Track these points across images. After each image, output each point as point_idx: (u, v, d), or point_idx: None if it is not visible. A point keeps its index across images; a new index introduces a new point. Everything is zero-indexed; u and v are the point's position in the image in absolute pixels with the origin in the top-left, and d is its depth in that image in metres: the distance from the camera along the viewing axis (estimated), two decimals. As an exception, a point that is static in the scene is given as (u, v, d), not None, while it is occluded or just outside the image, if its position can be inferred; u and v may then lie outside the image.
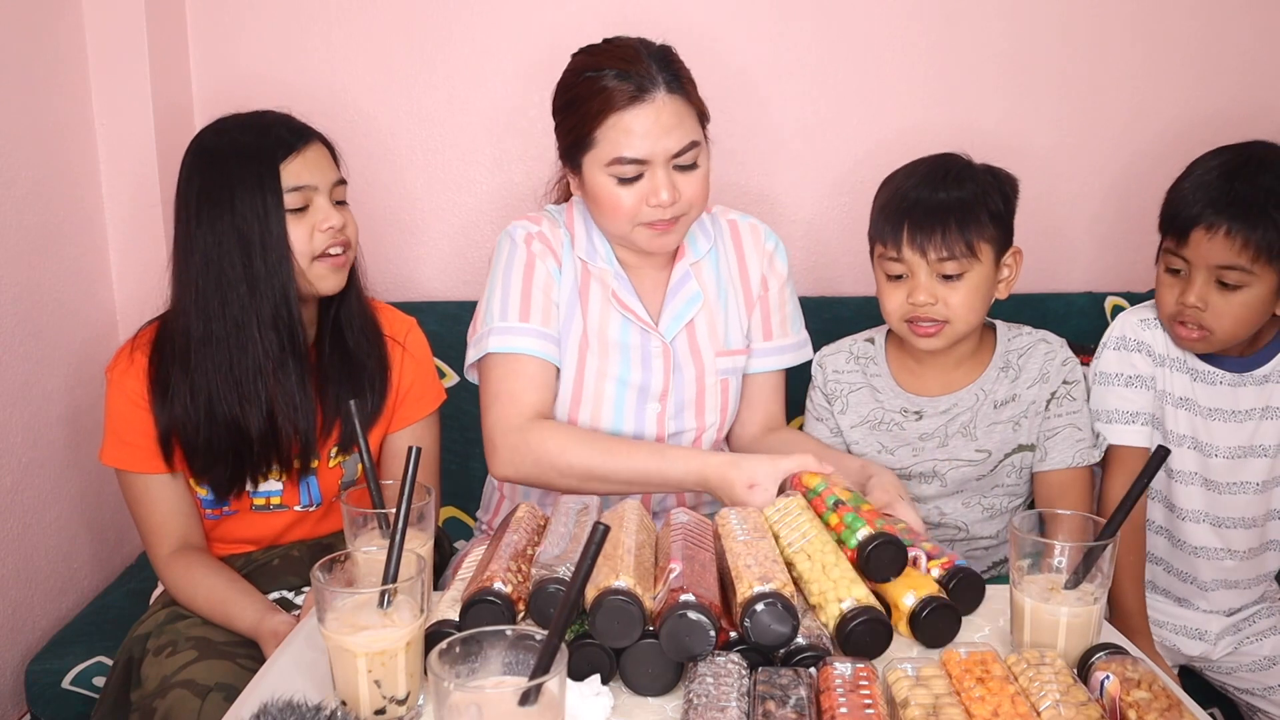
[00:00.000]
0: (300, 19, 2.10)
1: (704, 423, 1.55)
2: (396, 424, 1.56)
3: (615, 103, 1.38)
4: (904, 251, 1.46)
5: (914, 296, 1.47)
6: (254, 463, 1.44)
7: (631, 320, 1.50)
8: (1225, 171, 1.44)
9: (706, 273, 1.55)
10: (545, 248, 1.50)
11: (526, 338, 1.46)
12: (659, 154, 1.39)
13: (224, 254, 1.39)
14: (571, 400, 1.51)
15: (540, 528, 1.21)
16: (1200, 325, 1.46)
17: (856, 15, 2.12)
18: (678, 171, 1.41)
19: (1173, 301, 1.48)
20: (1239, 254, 1.40)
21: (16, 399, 1.75)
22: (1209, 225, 1.41)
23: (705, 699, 0.93)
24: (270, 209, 1.38)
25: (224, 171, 1.39)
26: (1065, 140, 2.19)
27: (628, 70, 1.39)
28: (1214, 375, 1.53)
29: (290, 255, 1.40)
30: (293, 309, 1.41)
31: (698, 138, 1.43)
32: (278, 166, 1.39)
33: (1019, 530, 1.08)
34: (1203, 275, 1.44)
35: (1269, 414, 1.53)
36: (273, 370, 1.41)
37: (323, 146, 1.47)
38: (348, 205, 1.49)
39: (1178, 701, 0.92)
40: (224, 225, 1.38)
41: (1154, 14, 2.14)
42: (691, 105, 1.43)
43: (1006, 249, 1.50)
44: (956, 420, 1.56)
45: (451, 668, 0.83)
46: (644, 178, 1.40)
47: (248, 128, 1.43)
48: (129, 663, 1.43)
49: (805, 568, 1.10)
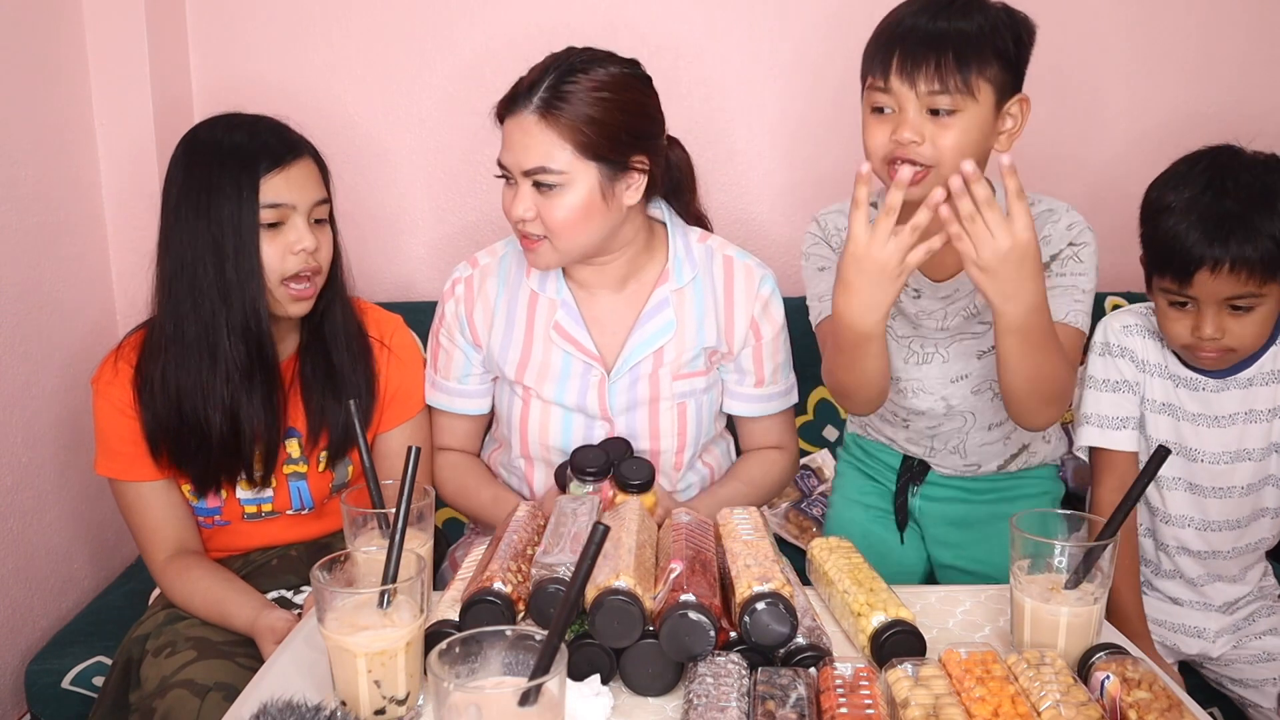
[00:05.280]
0: (300, 20, 2.10)
1: (658, 446, 1.54)
2: (386, 424, 1.56)
3: (500, 109, 1.43)
4: (891, 81, 1.29)
5: (899, 133, 1.29)
6: (221, 467, 1.44)
7: (574, 353, 1.51)
8: (1211, 202, 1.41)
9: (688, 301, 1.53)
10: (466, 292, 1.56)
11: (442, 394, 1.60)
12: (515, 169, 1.40)
13: (198, 258, 1.37)
14: (520, 418, 1.55)
15: (540, 528, 1.21)
16: (1222, 348, 1.45)
17: (857, 10, 2.12)
18: (536, 191, 1.40)
19: (1186, 334, 1.46)
20: (1246, 283, 1.39)
21: (16, 399, 1.75)
22: (1213, 265, 1.39)
23: (705, 699, 0.93)
24: (245, 219, 1.37)
25: (205, 174, 1.37)
26: (1063, 140, 2.19)
27: (517, 85, 1.42)
28: (1197, 381, 1.53)
29: (260, 268, 1.38)
30: (262, 321, 1.40)
31: (558, 165, 1.37)
32: (258, 178, 1.37)
33: (1019, 530, 1.08)
34: (1213, 308, 1.43)
35: (1253, 418, 1.53)
36: (242, 380, 1.40)
37: (311, 163, 1.44)
38: (328, 224, 1.47)
39: (1178, 702, 0.92)
40: (200, 229, 1.37)
41: (1151, 13, 2.14)
42: (568, 135, 1.37)
43: (1011, 96, 1.34)
44: (957, 304, 1.48)
45: (451, 668, 0.83)
46: (512, 184, 1.43)
47: (238, 129, 1.41)
48: (128, 663, 1.43)
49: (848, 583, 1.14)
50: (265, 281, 1.39)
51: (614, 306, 1.53)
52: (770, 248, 2.21)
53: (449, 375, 1.58)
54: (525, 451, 1.55)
